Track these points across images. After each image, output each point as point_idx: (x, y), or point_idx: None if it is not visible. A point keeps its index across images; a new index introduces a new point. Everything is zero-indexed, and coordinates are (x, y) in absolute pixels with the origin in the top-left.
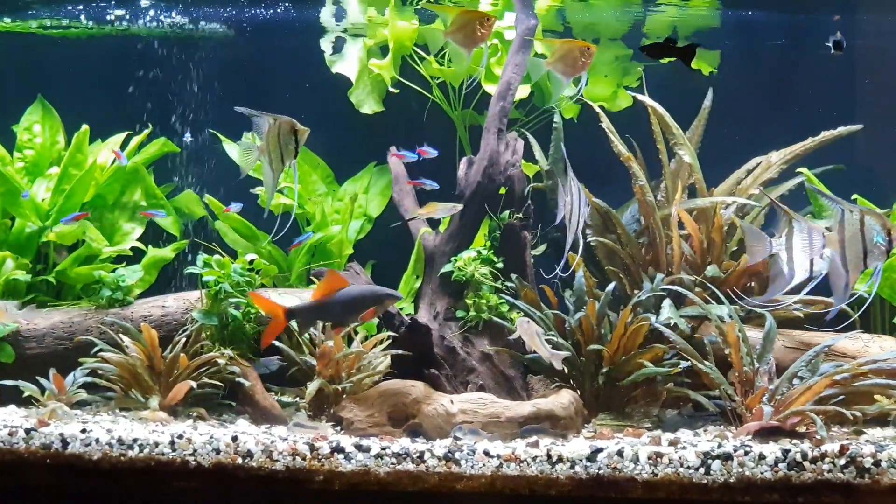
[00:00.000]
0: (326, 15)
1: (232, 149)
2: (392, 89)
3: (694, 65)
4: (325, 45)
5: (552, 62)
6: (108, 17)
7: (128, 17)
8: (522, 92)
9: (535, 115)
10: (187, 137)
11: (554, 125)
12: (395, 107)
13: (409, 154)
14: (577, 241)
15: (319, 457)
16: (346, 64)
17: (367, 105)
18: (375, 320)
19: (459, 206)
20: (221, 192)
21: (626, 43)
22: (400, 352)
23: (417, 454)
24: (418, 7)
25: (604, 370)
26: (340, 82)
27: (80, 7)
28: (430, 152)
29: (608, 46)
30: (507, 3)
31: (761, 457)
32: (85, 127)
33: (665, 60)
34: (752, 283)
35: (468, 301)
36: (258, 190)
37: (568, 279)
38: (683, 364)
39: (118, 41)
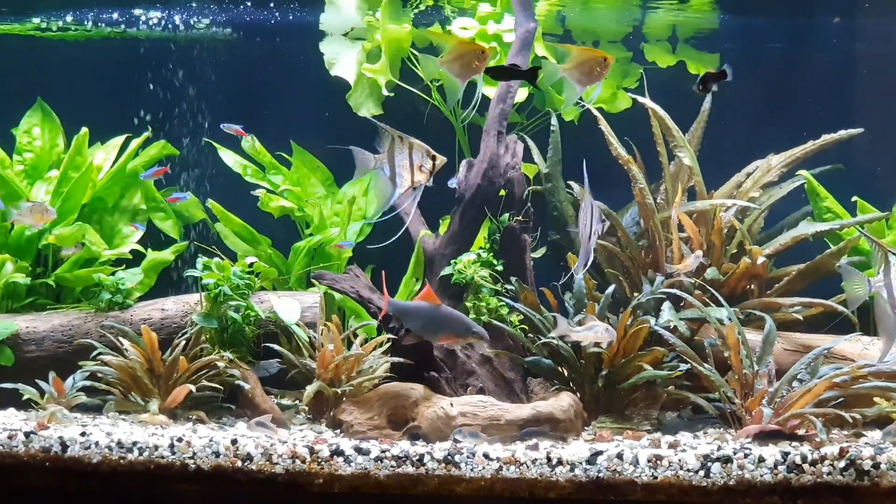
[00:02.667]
0: (327, 18)
1: (227, 155)
2: (387, 92)
3: (692, 69)
4: (325, 47)
5: (569, 69)
6: (109, 19)
7: (128, 19)
8: (521, 95)
9: (534, 118)
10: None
11: (551, 128)
12: (395, 109)
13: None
14: (589, 256)
15: (319, 460)
16: (345, 67)
17: (366, 108)
18: (374, 322)
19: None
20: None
21: (626, 45)
22: (400, 359)
23: (417, 457)
24: (416, 12)
25: (603, 373)
26: (340, 85)
27: (85, 10)
28: None
29: (608, 48)
30: (506, 6)
31: (761, 459)
32: (84, 130)
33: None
34: (752, 286)
35: (468, 304)
36: (259, 192)
37: (567, 282)
38: (683, 367)
39: (117, 43)
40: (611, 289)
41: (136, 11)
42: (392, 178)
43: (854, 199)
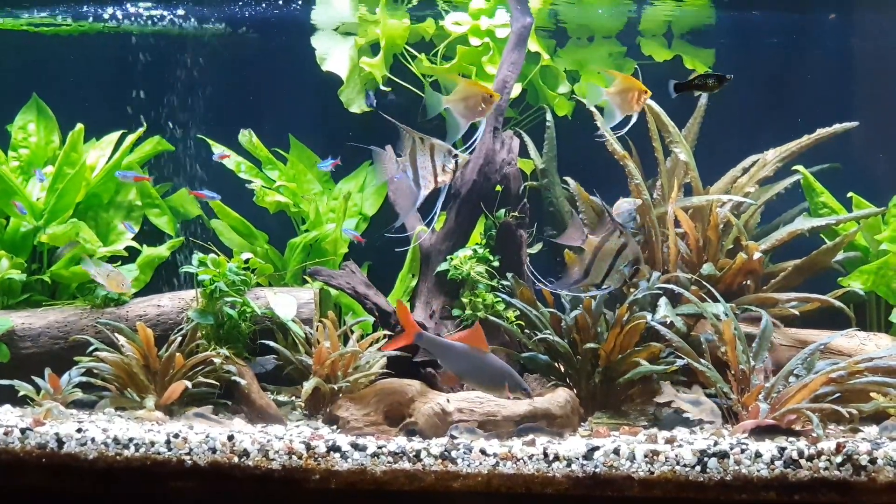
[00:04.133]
0: (318, 13)
1: (221, 152)
2: (384, 88)
3: (689, 65)
4: (317, 42)
5: (612, 94)
6: (103, 15)
7: (122, 14)
8: (515, 90)
9: (528, 113)
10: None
11: (547, 124)
12: (390, 105)
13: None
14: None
15: (316, 456)
16: (337, 62)
17: (356, 104)
18: (371, 318)
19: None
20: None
21: (621, 40)
22: (396, 352)
23: (414, 453)
24: (409, 7)
25: (600, 368)
26: (336, 81)
27: (81, 6)
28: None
29: (602, 43)
30: (499, 1)
31: (758, 455)
32: (80, 126)
33: None
34: (748, 282)
35: (464, 299)
36: (253, 186)
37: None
38: (679, 362)
39: (112, 39)
40: None
41: (131, 8)
42: (415, 180)
43: (850, 194)
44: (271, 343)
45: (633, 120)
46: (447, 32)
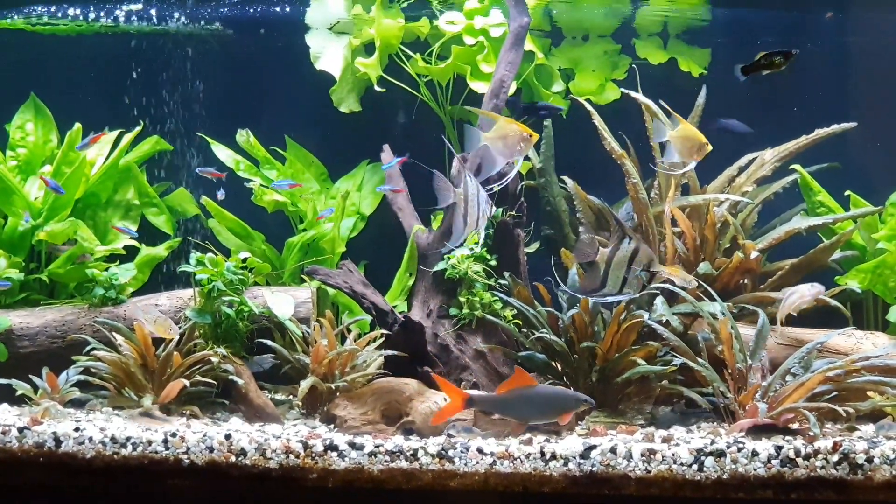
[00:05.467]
0: (312, 12)
1: (220, 150)
2: (378, 88)
3: (683, 67)
4: (311, 41)
5: (675, 137)
6: (98, 15)
7: (118, 14)
8: (511, 89)
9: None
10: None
11: (545, 123)
12: (387, 105)
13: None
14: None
15: (313, 455)
16: (331, 61)
17: (346, 104)
18: (368, 317)
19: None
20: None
21: (616, 39)
22: (394, 352)
23: (411, 452)
24: (403, 6)
25: (597, 367)
26: (333, 80)
27: (76, 5)
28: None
29: (596, 42)
30: (493, 0)
31: (754, 453)
32: (77, 125)
33: None
34: (745, 281)
35: (461, 299)
36: (253, 184)
37: (561, 276)
38: (676, 361)
39: (109, 38)
40: None
41: (129, 6)
42: (464, 215)
43: (847, 193)
44: (269, 342)
45: (688, 168)
46: (441, 32)
